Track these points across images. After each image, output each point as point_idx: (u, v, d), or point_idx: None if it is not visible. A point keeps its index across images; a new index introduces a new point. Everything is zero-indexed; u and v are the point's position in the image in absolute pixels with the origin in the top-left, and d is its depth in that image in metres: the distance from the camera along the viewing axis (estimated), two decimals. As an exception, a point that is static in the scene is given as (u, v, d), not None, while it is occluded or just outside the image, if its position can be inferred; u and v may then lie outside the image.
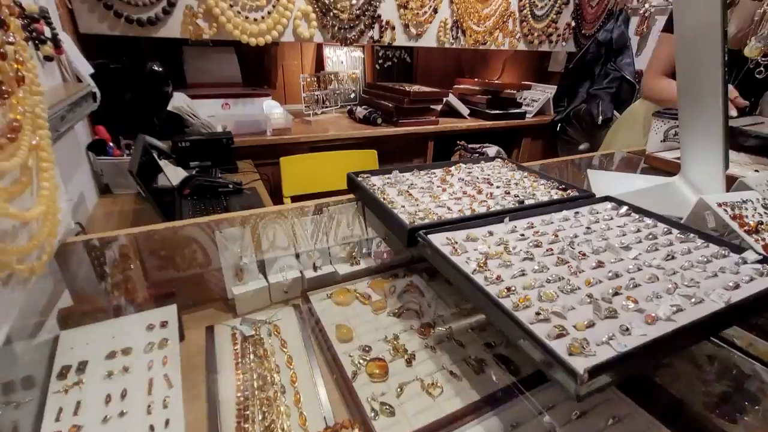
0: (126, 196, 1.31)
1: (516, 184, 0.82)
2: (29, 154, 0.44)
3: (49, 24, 0.98)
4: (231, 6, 1.64)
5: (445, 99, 2.26)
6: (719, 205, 0.61)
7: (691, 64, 0.75)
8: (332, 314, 0.66)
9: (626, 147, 1.66)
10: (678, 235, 0.60)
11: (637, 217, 0.67)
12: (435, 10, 2.11)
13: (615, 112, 2.36)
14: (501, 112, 2.38)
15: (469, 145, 2.12)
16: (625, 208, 0.69)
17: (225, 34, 1.67)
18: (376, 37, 2.02)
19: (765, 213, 0.62)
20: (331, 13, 1.85)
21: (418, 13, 2.07)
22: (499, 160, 0.97)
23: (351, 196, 0.82)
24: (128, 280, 0.62)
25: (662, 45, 1.52)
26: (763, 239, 0.57)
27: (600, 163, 1.21)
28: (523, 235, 0.60)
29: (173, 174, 1.35)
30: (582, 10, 2.59)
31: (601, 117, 2.31)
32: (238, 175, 1.54)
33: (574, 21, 2.59)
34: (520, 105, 2.52)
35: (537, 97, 2.63)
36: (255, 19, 1.71)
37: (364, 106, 2.19)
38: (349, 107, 2.27)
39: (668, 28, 1.50)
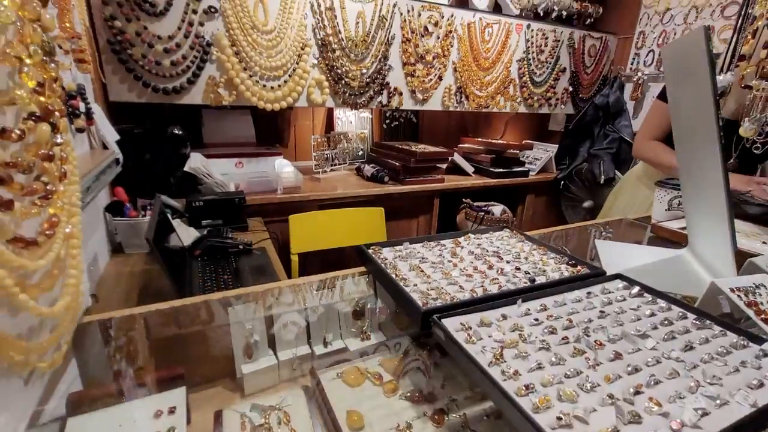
0: (137, 256, 1.33)
1: (526, 258, 0.83)
2: (62, 244, 0.46)
3: (84, 99, 1.06)
4: (251, 76, 1.76)
5: (450, 158, 2.34)
6: (733, 290, 0.62)
7: (690, 146, 0.78)
8: (343, 397, 0.64)
9: (630, 209, 1.68)
10: (694, 321, 0.60)
11: (650, 298, 0.67)
12: (440, 78, 2.25)
13: (616, 172, 2.42)
14: (505, 170, 2.45)
15: (475, 204, 2.16)
16: (637, 289, 0.69)
17: (243, 100, 1.78)
18: (385, 102, 2.14)
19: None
20: (343, 81, 1.98)
21: (423, 81, 2.21)
22: (507, 230, 0.99)
23: (362, 269, 0.82)
24: (138, 360, 0.61)
25: (654, 112, 1.59)
26: (781, 329, 0.56)
27: (607, 231, 1.23)
28: (537, 319, 0.60)
29: (185, 234, 1.38)
30: (578, 76, 2.75)
31: (603, 176, 2.36)
32: (248, 234, 1.57)
33: (571, 86, 2.74)
34: (523, 163, 2.60)
35: (539, 155, 2.72)
36: (272, 87, 1.83)
37: (371, 165, 2.27)
38: (357, 165, 2.35)
39: (662, 96, 1.58)
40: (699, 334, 0.57)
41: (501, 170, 2.44)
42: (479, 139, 2.63)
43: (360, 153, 2.53)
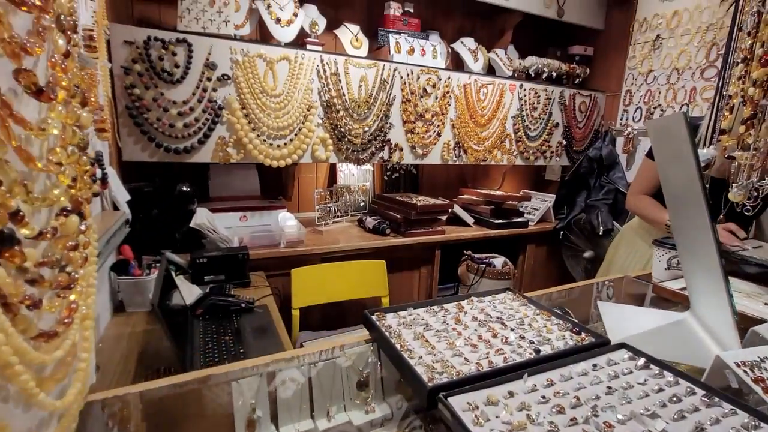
0: (139, 315, 1.32)
1: (529, 324, 0.83)
2: (77, 328, 0.47)
3: (101, 166, 1.11)
4: (258, 136, 1.85)
5: (450, 209, 2.39)
6: (738, 365, 0.62)
7: (681, 212, 0.81)
8: (347, 480, 0.61)
9: (629, 263, 1.69)
10: (702, 398, 0.59)
11: (657, 370, 0.67)
12: (439, 134, 2.36)
13: (614, 223, 2.45)
14: (504, 221, 2.49)
15: (476, 255, 2.18)
16: (643, 360, 0.69)
17: (250, 158, 1.86)
18: (386, 158, 2.22)
19: (787, 374, 0.62)
20: (346, 139, 2.07)
21: (423, 137, 2.31)
22: (510, 292, 0.99)
23: (366, 335, 0.82)
24: (140, 440, 0.60)
25: (644, 168, 1.65)
26: (791, 408, 0.56)
27: (608, 289, 1.23)
28: (544, 396, 0.59)
29: (188, 292, 1.38)
30: (571, 130, 2.88)
31: (602, 228, 2.40)
32: (250, 289, 1.57)
33: (564, 140, 2.86)
34: (522, 214, 2.64)
35: (538, 205, 2.77)
36: (278, 146, 1.91)
37: (373, 217, 2.31)
38: (359, 217, 2.39)
39: (650, 154, 1.65)
40: (709, 413, 0.56)
41: (501, 221, 2.48)
42: (478, 191, 2.70)
43: (362, 205, 2.58)
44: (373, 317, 0.83)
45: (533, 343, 0.75)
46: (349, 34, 2.25)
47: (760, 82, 0.86)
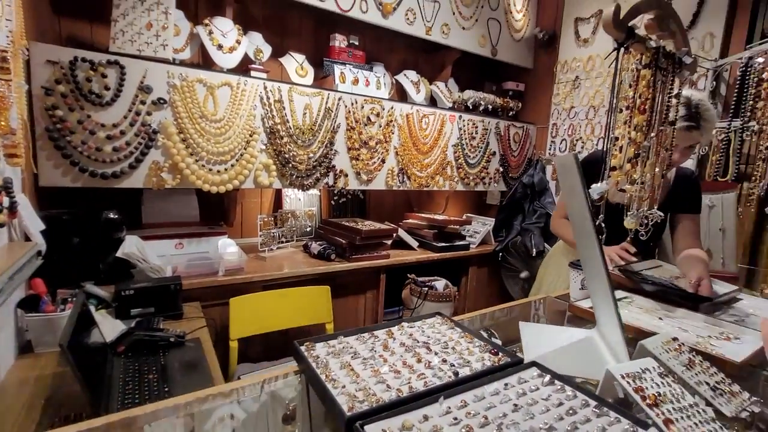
0: (49, 356, 1.20)
1: (453, 348, 0.87)
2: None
3: (9, 194, 1.03)
4: (197, 161, 1.80)
5: (394, 235, 2.45)
6: (623, 376, 0.69)
7: (581, 239, 0.91)
8: None
9: (557, 282, 1.83)
10: (593, 409, 0.66)
11: (559, 386, 0.73)
12: (383, 161, 2.44)
13: (545, 245, 2.64)
14: (447, 244, 2.59)
15: (419, 279, 2.24)
16: (548, 377, 0.75)
17: (187, 183, 1.80)
18: (331, 183, 2.25)
19: (661, 383, 0.70)
20: (290, 165, 2.08)
21: (368, 163, 2.37)
22: (439, 317, 1.04)
23: (296, 366, 0.82)
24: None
25: (562, 194, 1.83)
26: (662, 413, 0.64)
27: (532, 311, 1.32)
28: (456, 418, 0.63)
29: (109, 328, 1.29)
30: (507, 159, 3.10)
31: (534, 249, 2.57)
32: (183, 322, 1.49)
33: (501, 167, 3.07)
34: (464, 237, 2.77)
35: (478, 229, 2.92)
36: (218, 171, 1.87)
37: (319, 242, 2.30)
38: (305, 242, 2.37)
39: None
40: (597, 423, 0.63)
41: (443, 244, 2.57)
42: (422, 215, 2.79)
43: (308, 229, 2.57)
44: (302, 348, 0.83)
45: (453, 366, 0.79)
46: (295, 63, 2.29)
47: (640, 127, 1.01)
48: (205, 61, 2.12)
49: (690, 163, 2.22)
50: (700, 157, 2.16)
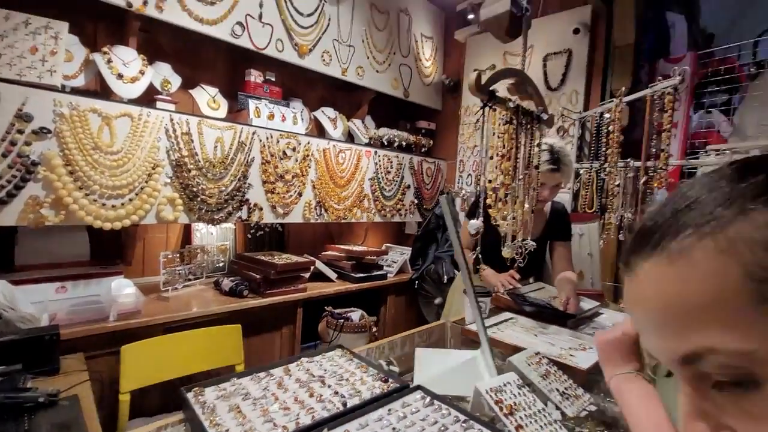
0: None
1: (347, 379, 0.91)
2: None
3: None
4: (87, 195, 1.66)
5: (312, 267, 2.45)
6: (488, 391, 0.79)
7: (461, 268, 1.03)
8: None
9: (462, 308, 1.98)
10: (462, 424, 0.74)
11: (437, 406, 0.81)
12: (300, 194, 2.46)
13: (455, 271, 2.85)
14: (365, 275, 2.66)
15: (336, 311, 2.25)
16: (429, 399, 0.82)
17: (74, 220, 1.64)
18: (245, 217, 2.20)
19: (519, 393, 0.82)
20: (199, 199, 2.00)
21: (284, 197, 2.38)
22: (339, 349, 1.07)
23: (182, 415, 0.79)
24: None
25: (462, 226, 2.02)
26: (515, 420, 0.74)
27: (430, 336, 1.42)
28: (336, 448, 0.66)
29: (-42, 393, 1.09)
30: (421, 191, 3.32)
31: (446, 276, 2.75)
32: (60, 378, 1.31)
33: (416, 199, 3.27)
34: (381, 267, 2.86)
35: (396, 258, 3.04)
36: (113, 206, 1.74)
37: (231, 278, 2.21)
38: (216, 278, 2.26)
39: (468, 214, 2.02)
40: (464, 437, 0.71)
41: (362, 275, 2.63)
42: (341, 247, 2.84)
43: (221, 265, 2.45)
44: (189, 394, 0.81)
45: (344, 396, 0.83)
46: (206, 96, 2.26)
47: (507, 171, 1.19)
48: (103, 90, 1.99)
49: (567, 198, 2.61)
50: (575, 193, 2.55)
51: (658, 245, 0.33)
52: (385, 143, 3.10)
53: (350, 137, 3.02)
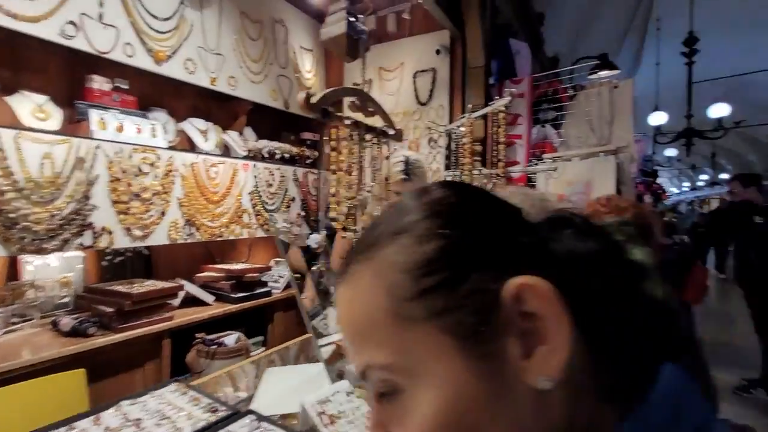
0: None
1: (169, 417, 0.84)
2: None
3: None
4: None
5: (181, 293, 2.24)
6: (313, 404, 0.81)
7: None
8: None
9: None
10: (281, 443, 0.74)
11: (263, 428, 0.79)
12: (162, 213, 2.24)
13: (343, 280, 2.88)
14: (247, 294, 2.52)
15: (208, 337, 2.09)
16: (257, 422, 0.81)
17: None
18: (88, 244, 1.92)
19: (347, 400, 0.85)
20: (20, 226, 1.69)
21: (142, 217, 2.14)
22: (174, 384, 0.99)
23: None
24: None
25: (338, 241, 2.06)
26: (336, 429, 0.77)
27: (304, 350, 1.41)
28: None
29: None
30: (307, 203, 3.29)
31: (332, 288, 2.76)
32: None
33: (303, 211, 3.23)
34: (266, 284, 2.75)
35: (283, 273, 2.95)
36: None
37: (74, 315, 1.90)
38: (54, 318, 1.92)
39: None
40: (279, 457, 0.70)
41: (242, 294, 2.50)
42: (219, 266, 2.66)
43: (64, 301, 2.09)
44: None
45: (157, 439, 0.76)
46: (31, 104, 1.92)
47: (350, 185, 1.25)
48: None
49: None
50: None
51: (346, 270, 0.36)
52: (266, 155, 3.01)
53: (226, 150, 2.86)
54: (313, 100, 1.11)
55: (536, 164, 2.68)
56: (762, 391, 3.39)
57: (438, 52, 2.93)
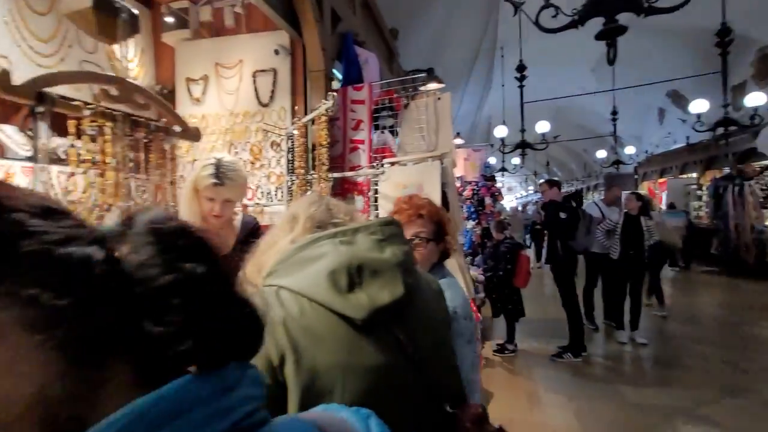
0: None
1: None
2: None
3: None
4: None
5: None
6: None
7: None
8: None
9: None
10: None
11: None
12: None
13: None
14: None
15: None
16: None
17: None
18: None
19: None
20: None
21: None
22: None
23: None
24: None
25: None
26: None
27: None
28: None
29: None
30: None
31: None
32: None
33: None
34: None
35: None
36: None
37: None
38: None
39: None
40: None
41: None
42: None
43: None
44: None
45: None
46: None
47: (103, 189, 1.04)
48: None
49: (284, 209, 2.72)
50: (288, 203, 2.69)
51: None
52: (62, 157, 2.47)
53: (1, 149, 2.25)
54: (17, 81, 0.88)
55: (377, 167, 2.77)
56: (570, 355, 4.13)
57: (276, 52, 2.82)
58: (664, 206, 11.69)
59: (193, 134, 1.35)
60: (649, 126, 13.68)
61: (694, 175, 11.95)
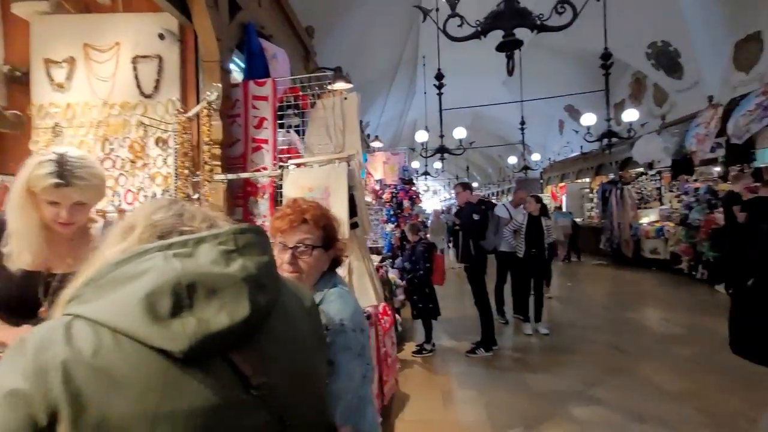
0: None
1: None
2: None
3: None
4: None
5: None
6: None
7: None
8: None
9: None
10: None
11: None
12: None
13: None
14: None
15: None
16: None
17: None
18: None
19: None
20: None
21: None
22: None
23: None
24: None
25: None
26: None
27: None
28: None
29: None
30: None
31: None
32: None
33: None
34: None
35: None
36: None
37: None
38: None
39: None
40: None
41: None
42: None
43: None
44: None
45: None
46: None
47: None
48: None
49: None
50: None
51: None
52: None
53: None
54: None
55: (281, 168, 2.58)
56: (482, 350, 4.31)
57: (162, 36, 2.48)
58: (564, 208, 13.12)
59: (11, 123, 1.06)
60: (551, 136, 15.24)
61: (587, 180, 13.56)
